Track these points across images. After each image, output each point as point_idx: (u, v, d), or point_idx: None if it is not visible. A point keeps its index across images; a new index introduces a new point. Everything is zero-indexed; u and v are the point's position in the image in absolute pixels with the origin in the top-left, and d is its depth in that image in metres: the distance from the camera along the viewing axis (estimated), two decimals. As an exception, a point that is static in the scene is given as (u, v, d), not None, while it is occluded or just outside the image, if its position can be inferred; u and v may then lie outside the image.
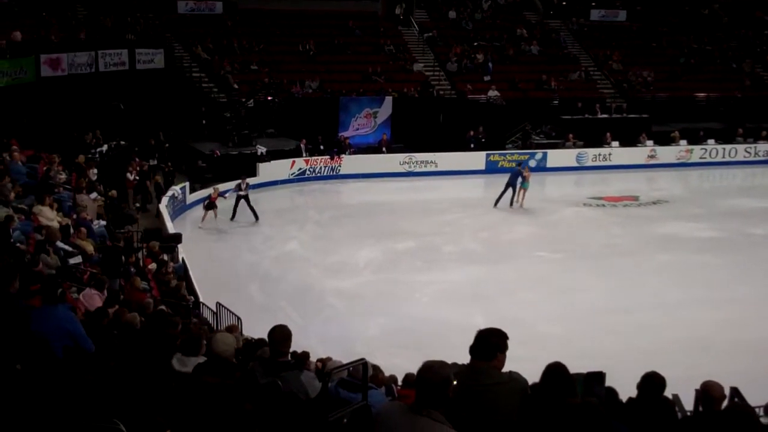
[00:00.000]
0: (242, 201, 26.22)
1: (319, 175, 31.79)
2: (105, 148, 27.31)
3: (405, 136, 34.01)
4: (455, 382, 4.48)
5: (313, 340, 16.47)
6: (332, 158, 32.00)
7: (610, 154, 35.89)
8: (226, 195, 26.19)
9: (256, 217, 26.23)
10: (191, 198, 27.35)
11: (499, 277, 21.67)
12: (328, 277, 21.48)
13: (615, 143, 36.14)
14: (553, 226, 26.92)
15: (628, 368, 6.42)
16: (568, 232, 26.34)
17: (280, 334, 6.24)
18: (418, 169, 32.99)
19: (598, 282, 21.21)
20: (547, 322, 18.55)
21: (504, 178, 29.16)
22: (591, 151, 35.69)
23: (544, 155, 34.96)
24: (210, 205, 25.59)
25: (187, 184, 27.36)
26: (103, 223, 19.77)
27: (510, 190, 28.48)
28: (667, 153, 36.78)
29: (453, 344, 5.30)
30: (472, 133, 34.50)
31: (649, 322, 18.72)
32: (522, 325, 17.86)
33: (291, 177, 31.24)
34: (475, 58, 39.94)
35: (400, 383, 11.26)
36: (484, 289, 20.61)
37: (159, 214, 24.19)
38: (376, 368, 9.70)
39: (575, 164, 35.35)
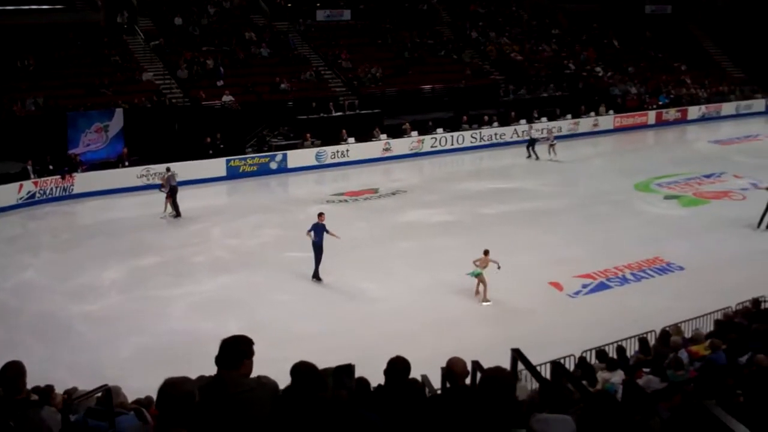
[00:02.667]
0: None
1: (50, 196, 30.07)
2: None
3: (140, 148, 32.94)
4: (202, 395, 4.36)
5: (62, 371, 15.56)
6: (63, 177, 30.37)
7: (347, 151, 36.84)
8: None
9: (178, 213, 27.93)
10: None
11: (251, 281, 21.59)
12: (72, 302, 20.36)
13: (351, 139, 37.15)
14: (299, 225, 27.00)
15: (382, 356, 6.58)
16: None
17: (13, 371, 5.81)
18: (156, 182, 32.08)
19: (349, 276, 21.68)
20: (302, 321, 18.73)
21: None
22: (329, 149, 36.44)
23: (284, 156, 35.25)
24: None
25: None
26: None
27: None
28: (401, 145, 38.33)
29: (209, 355, 5.17)
30: (209, 140, 34.07)
31: (399, 308, 19.42)
32: (277, 326, 17.98)
33: (20, 202, 29.31)
34: (205, 64, 39.48)
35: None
36: (237, 296, 20.45)
37: None
38: (121, 392, 9.30)
39: (315, 163, 35.96)
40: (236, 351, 4.91)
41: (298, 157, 35.66)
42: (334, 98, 40.41)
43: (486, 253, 20.04)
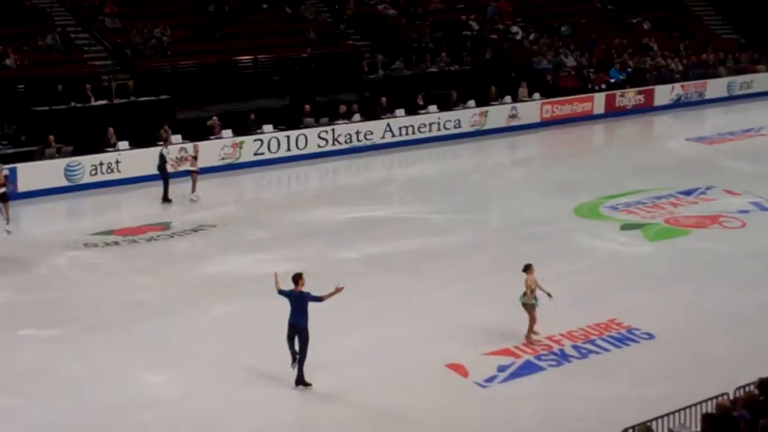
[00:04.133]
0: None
1: None
2: None
3: None
4: None
5: None
6: None
7: (117, 162, 36.72)
8: None
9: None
10: None
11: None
12: None
13: (123, 144, 36.91)
14: (39, 285, 26.76)
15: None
16: (66, 291, 26.34)
17: None
18: None
19: (123, 362, 21.44)
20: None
21: None
22: (87, 160, 36.12)
23: (13, 173, 34.66)
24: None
25: None
26: None
27: None
28: (206, 152, 37.93)
29: None
30: None
31: (204, 414, 19.21)
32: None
33: None
34: None
35: None
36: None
37: None
38: None
39: (65, 183, 35.57)
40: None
41: (34, 173, 35.26)
42: (94, 78, 40.09)
43: (528, 270, 21.46)
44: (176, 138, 37.90)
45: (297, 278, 20.54)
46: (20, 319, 24.13)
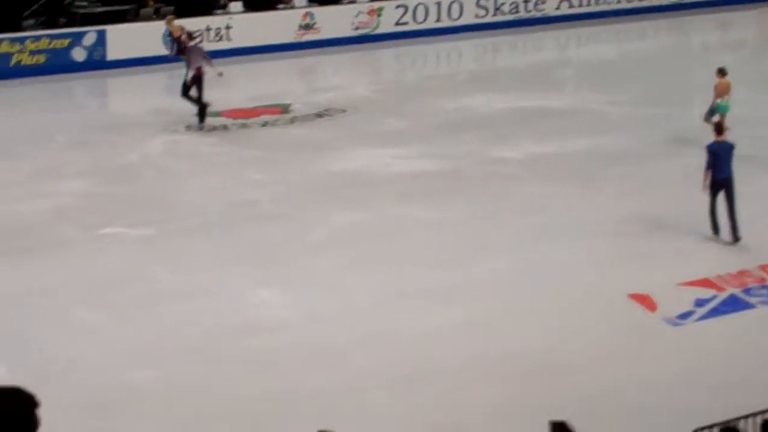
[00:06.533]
0: None
1: None
2: None
3: None
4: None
5: None
6: None
7: (228, 28, 37.18)
8: None
9: None
10: None
11: (21, 283, 21.17)
12: None
13: (235, 5, 37.04)
14: (130, 175, 26.95)
15: None
16: (162, 184, 26.54)
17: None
18: None
19: (230, 274, 21.45)
20: (132, 363, 18.52)
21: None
22: (190, 24, 35.49)
23: (100, 37, 34.89)
24: None
25: None
26: None
27: None
28: (335, 18, 38.21)
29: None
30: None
31: (325, 342, 19.12)
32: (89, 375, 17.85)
33: None
34: None
35: None
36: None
37: None
38: None
39: (162, 51, 35.33)
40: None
41: (127, 38, 35.63)
42: None
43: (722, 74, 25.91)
44: (303, 1, 37.93)
45: (722, 127, 22.95)
46: (106, 215, 24.36)
